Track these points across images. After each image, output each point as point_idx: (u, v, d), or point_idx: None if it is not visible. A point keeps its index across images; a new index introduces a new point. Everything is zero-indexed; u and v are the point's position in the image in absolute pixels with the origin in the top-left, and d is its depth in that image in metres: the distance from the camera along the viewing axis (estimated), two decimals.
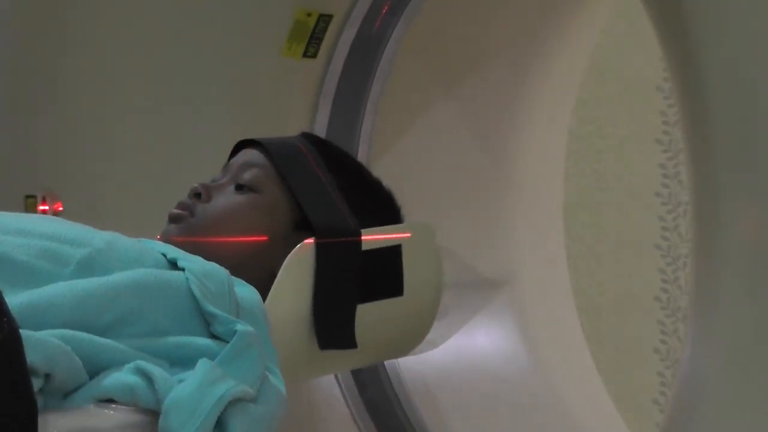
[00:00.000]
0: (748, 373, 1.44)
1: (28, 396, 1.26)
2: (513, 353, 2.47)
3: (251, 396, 1.41)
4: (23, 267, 1.47)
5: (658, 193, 3.95)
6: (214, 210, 1.78)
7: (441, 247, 1.91)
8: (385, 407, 2.31)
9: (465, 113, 2.46)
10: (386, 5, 2.27)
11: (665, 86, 3.87)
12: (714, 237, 1.50)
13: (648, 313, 3.96)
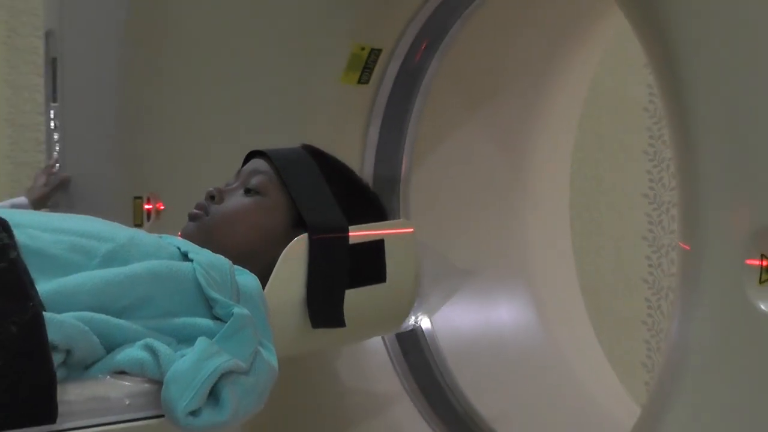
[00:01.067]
0: (723, 342, 1.44)
1: (48, 368, 1.29)
2: (528, 326, 2.48)
3: (243, 369, 1.42)
4: (56, 259, 1.49)
5: (644, 194, 3.96)
6: (225, 210, 1.80)
7: (418, 242, 1.93)
8: (425, 369, 2.31)
9: (487, 130, 2.46)
10: (425, 42, 2.28)
11: (650, 107, 3.91)
12: (694, 230, 1.49)
13: (637, 292, 3.97)
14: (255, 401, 1.45)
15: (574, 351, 2.52)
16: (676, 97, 1.50)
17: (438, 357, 2.33)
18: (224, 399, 1.39)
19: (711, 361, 1.46)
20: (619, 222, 3.98)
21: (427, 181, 2.38)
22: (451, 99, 2.37)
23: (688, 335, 1.51)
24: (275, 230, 1.79)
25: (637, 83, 3.92)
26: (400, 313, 1.89)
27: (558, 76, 2.50)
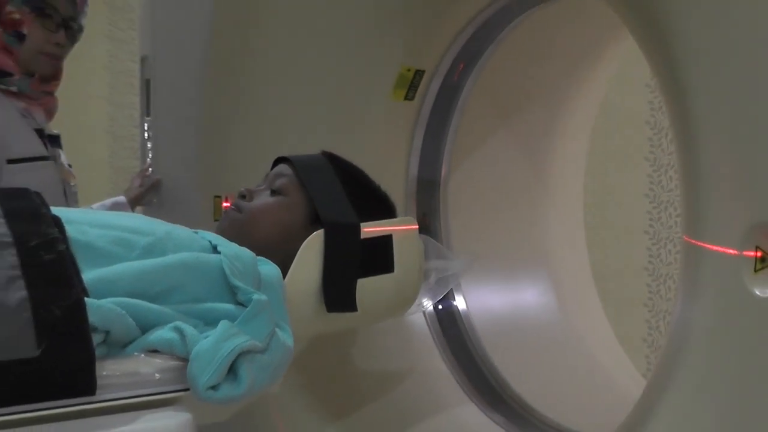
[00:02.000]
0: (722, 322, 1.40)
1: (88, 347, 1.28)
2: (548, 306, 2.45)
3: (260, 348, 1.41)
4: (101, 251, 1.47)
5: (646, 195, 3.95)
6: (254, 208, 1.79)
7: (423, 236, 1.91)
8: (461, 344, 2.29)
9: (515, 139, 2.44)
10: (462, 64, 2.25)
11: (651, 120, 3.89)
12: (697, 225, 1.46)
13: (639, 278, 3.96)
14: (269, 377, 1.45)
15: (587, 328, 2.50)
16: (680, 107, 1.46)
17: (472, 334, 2.31)
18: (241, 375, 1.38)
19: (711, 339, 1.42)
20: (624, 218, 3.97)
21: (463, 183, 2.36)
22: (483, 112, 2.34)
23: (690, 316, 1.47)
24: (295, 226, 1.76)
25: (639, 101, 3.92)
26: (406, 299, 1.86)
27: (574, 94, 2.47)
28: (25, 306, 1.26)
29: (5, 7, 2.33)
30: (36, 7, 2.35)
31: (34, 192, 1.53)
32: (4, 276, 1.28)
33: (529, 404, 2.20)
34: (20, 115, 2.40)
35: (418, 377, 2.19)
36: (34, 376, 1.24)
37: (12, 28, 2.35)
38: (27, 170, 2.33)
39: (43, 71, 2.41)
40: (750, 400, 1.34)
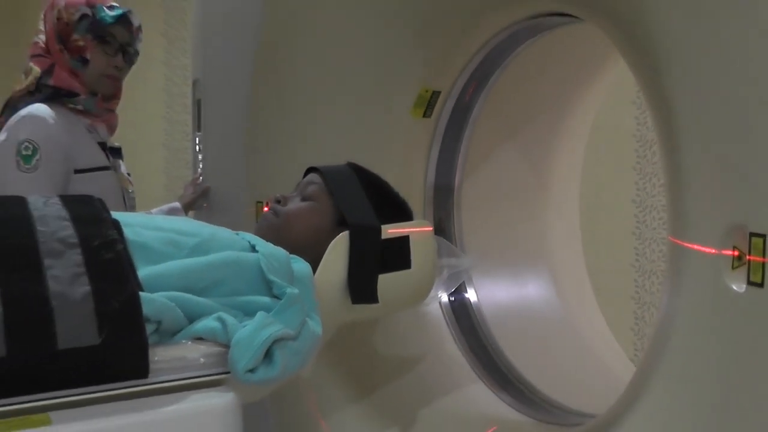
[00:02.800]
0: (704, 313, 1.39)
1: (141, 335, 1.28)
2: (548, 299, 2.43)
3: (292, 336, 1.41)
4: (154, 251, 1.48)
5: (633, 200, 3.96)
6: (288, 212, 1.78)
7: (436, 237, 1.90)
8: (472, 331, 2.27)
9: (519, 150, 2.42)
10: (473, 85, 2.23)
11: (637, 134, 3.89)
12: (681, 227, 1.44)
13: (627, 274, 3.97)
14: (300, 361, 1.44)
15: (582, 318, 2.47)
16: (666, 122, 1.46)
17: (482, 322, 2.28)
18: (276, 359, 1.38)
19: (694, 329, 1.41)
20: (614, 221, 3.98)
21: (474, 188, 2.34)
22: (491, 127, 2.32)
23: (675, 308, 1.46)
24: (324, 228, 1.75)
25: (627, 117, 3.93)
26: (422, 292, 1.85)
27: (571, 111, 2.45)
28: (88, 299, 1.26)
29: (71, 36, 2.36)
30: (97, 35, 2.39)
31: (97, 198, 1.53)
32: (71, 273, 1.28)
33: (532, 384, 2.18)
34: (86, 130, 2.42)
35: (433, 360, 2.17)
36: (96, 362, 1.24)
37: (77, 53, 2.38)
38: (91, 179, 2.36)
39: (105, 91, 2.44)
40: (728, 383, 1.33)
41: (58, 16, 2.37)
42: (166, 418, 1.28)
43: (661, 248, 3.95)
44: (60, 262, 1.29)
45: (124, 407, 1.26)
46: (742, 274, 1.30)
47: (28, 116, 2.30)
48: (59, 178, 2.29)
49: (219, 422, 1.32)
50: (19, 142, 2.25)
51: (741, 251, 1.30)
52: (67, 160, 2.31)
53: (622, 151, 3.94)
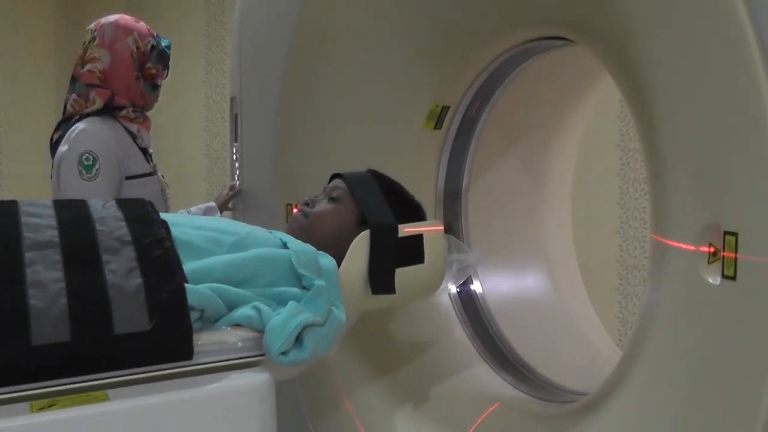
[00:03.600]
0: (683, 303, 1.39)
1: (187, 322, 1.29)
2: (545, 289, 2.42)
3: (320, 322, 1.41)
4: (198, 247, 1.48)
5: (617, 203, 3.99)
6: (316, 213, 1.78)
7: (447, 235, 1.89)
8: (477, 318, 2.26)
9: (519, 158, 2.41)
10: (478, 101, 2.22)
11: (621, 144, 3.93)
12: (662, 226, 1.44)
13: (613, 268, 4.00)
14: (327, 345, 1.44)
15: (574, 306, 2.46)
16: (649, 133, 1.46)
17: (486, 311, 2.27)
18: (305, 343, 1.39)
19: (674, 317, 1.41)
20: (601, 221, 4.01)
21: (479, 193, 2.33)
22: (494, 138, 2.31)
23: (657, 299, 1.46)
24: (347, 227, 1.75)
25: (612, 129, 3.97)
26: (434, 284, 1.84)
27: (565, 123, 2.44)
28: (140, 290, 1.27)
29: (146, 64, 2.38)
30: (161, 63, 2.40)
31: (148, 201, 1.54)
32: (126, 267, 1.29)
33: (530, 366, 2.17)
34: (132, 139, 2.43)
35: (443, 344, 2.17)
36: (147, 345, 1.25)
37: (150, 80, 2.39)
38: (139, 184, 2.38)
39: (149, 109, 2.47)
40: (704, 365, 1.33)
41: (136, 46, 2.37)
42: (209, 395, 1.28)
43: (643, 245, 3.95)
44: (116, 258, 1.30)
45: (172, 385, 1.27)
46: (717, 268, 1.30)
47: (87, 130, 2.31)
48: (115, 185, 2.30)
49: (255, 398, 1.31)
50: (80, 153, 2.26)
51: (716, 248, 1.30)
52: (120, 168, 2.33)
53: (607, 159, 3.97)
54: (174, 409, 1.25)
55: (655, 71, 1.40)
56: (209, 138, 5.38)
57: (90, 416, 1.18)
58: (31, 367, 1.19)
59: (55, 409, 1.16)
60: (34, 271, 1.24)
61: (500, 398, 2.00)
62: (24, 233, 1.31)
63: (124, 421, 1.20)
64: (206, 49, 5.32)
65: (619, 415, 1.52)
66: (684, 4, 1.32)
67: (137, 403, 1.22)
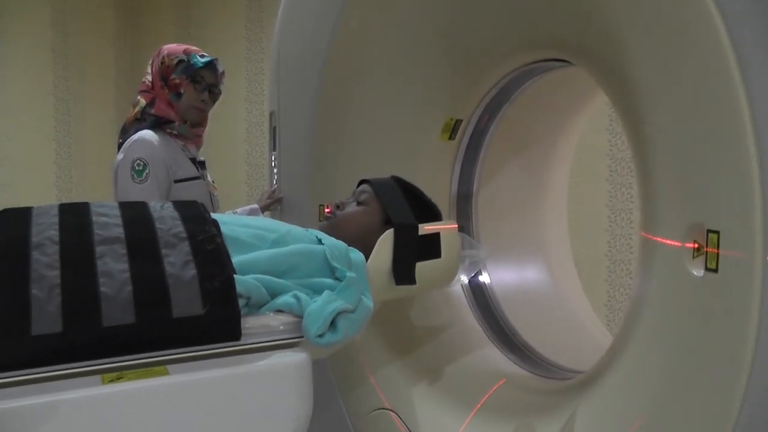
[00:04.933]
0: (670, 294, 1.38)
1: (235, 308, 1.28)
2: (545, 281, 2.41)
3: (351, 309, 1.41)
4: (244, 243, 1.48)
5: (606, 204, 3.97)
6: (345, 214, 1.78)
7: (460, 233, 1.88)
8: (486, 304, 2.25)
9: (523, 166, 2.39)
10: (487, 115, 2.21)
11: (610, 153, 3.92)
12: (651, 224, 1.43)
13: (602, 262, 3.98)
14: (357, 328, 1.43)
15: (570, 295, 2.45)
16: (639, 142, 1.45)
17: (494, 299, 2.26)
18: (339, 327, 1.38)
19: (661, 305, 1.40)
20: (593, 221, 3.99)
21: (487, 196, 2.32)
22: (501, 148, 2.30)
23: (646, 289, 1.45)
24: (373, 226, 1.74)
25: (602, 139, 3.96)
26: (449, 276, 1.83)
27: (562, 135, 2.43)
28: (195, 280, 1.27)
29: (171, 76, 2.40)
30: (190, 76, 2.42)
31: (200, 203, 1.54)
32: (182, 260, 1.29)
33: (532, 347, 2.16)
34: (180, 149, 2.46)
35: (456, 328, 2.16)
36: (200, 328, 1.26)
37: (174, 89, 2.42)
38: (187, 187, 2.40)
39: (193, 119, 2.49)
40: (688, 347, 1.32)
41: (162, 61, 2.41)
42: (254, 371, 1.28)
43: (629, 243, 3.93)
44: (174, 252, 1.31)
45: (223, 362, 1.27)
46: (700, 262, 1.29)
47: (139, 140, 2.35)
48: (163, 187, 2.33)
49: (295, 374, 1.31)
50: (133, 160, 2.31)
51: (700, 244, 1.29)
52: (168, 173, 2.36)
53: (598, 166, 3.96)
54: (224, 382, 1.25)
55: (644, 88, 1.39)
56: (249, 147, 5.39)
57: (153, 387, 1.19)
58: (102, 345, 1.20)
59: (123, 381, 1.18)
60: (104, 262, 1.26)
61: (506, 375, 1.99)
62: (95, 230, 1.32)
63: (182, 392, 1.21)
64: (247, 71, 5.33)
65: (611, 391, 1.51)
66: (667, 30, 1.32)
67: (193, 377, 1.22)
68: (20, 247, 1.25)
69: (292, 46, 2.35)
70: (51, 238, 1.28)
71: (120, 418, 1.16)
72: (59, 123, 5.44)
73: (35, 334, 1.15)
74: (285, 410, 1.30)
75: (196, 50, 2.46)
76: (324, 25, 2.17)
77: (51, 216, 1.36)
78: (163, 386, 1.20)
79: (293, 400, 1.31)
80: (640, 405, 1.41)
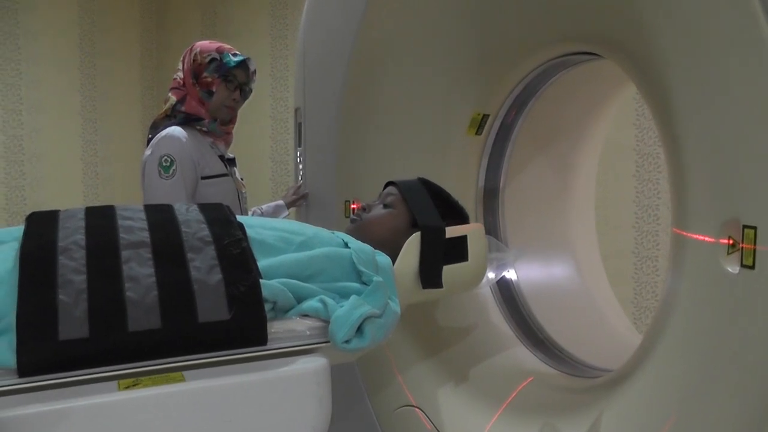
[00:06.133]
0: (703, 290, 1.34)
1: (261, 312, 1.27)
2: (571, 277, 2.37)
3: (378, 314, 1.38)
4: (271, 246, 1.46)
5: (633, 200, 3.95)
6: (371, 217, 1.75)
7: (487, 236, 1.86)
8: (512, 301, 2.22)
9: (549, 161, 2.36)
10: (515, 110, 2.18)
11: (636, 148, 3.89)
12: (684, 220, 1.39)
13: (628, 258, 3.97)
14: (384, 333, 1.41)
15: (597, 292, 2.41)
16: (671, 136, 1.40)
17: (521, 296, 2.23)
18: (366, 332, 1.36)
19: (694, 303, 1.36)
20: (619, 217, 3.98)
21: (514, 191, 2.29)
22: (528, 143, 2.26)
23: (677, 287, 1.40)
24: (400, 229, 1.72)
25: (628, 135, 3.92)
26: (475, 280, 1.80)
27: (589, 130, 2.39)
28: (221, 285, 1.26)
29: (202, 74, 2.40)
30: (222, 75, 2.42)
31: (226, 206, 1.53)
32: (208, 264, 1.29)
33: (559, 344, 2.13)
34: (209, 146, 2.45)
35: (482, 325, 2.13)
36: (226, 333, 1.25)
37: (206, 87, 2.41)
38: (214, 183, 2.41)
39: (223, 117, 2.48)
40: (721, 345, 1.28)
41: (194, 59, 2.40)
42: (271, 378, 1.27)
43: (655, 239, 3.90)
44: (200, 256, 1.31)
45: (248, 368, 1.26)
46: (735, 258, 1.25)
47: (167, 136, 2.35)
48: (190, 183, 2.33)
49: (313, 381, 1.30)
50: (160, 156, 2.31)
51: (735, 240, 1.25)
52: (195, 169, 2.35)
53: (625, 162, 3.94)
54: (240, 389, 1.24)
55: (677, 80, 1.35)
56: (274, 144, 5.40)
57: (169, 394, 1.18)
58: (127, 350, 1.20)
59: (139, 387, 1.17)
60: (129, 267, 1.26)
61: (533, 373, 1.96)
62: (121, 234, 1.32)
63: (197, 398, 1.20)
64: (272, 67, 5.35)
65: (641, 391, 1.47)
66: (702, 19, 1.28)
67: (209, 383, 1.22)
68: (48, 252, 1.26)
69: (318, 42, 2.34)
70: (77, 243, 1.28)
71: (135, 425, 1.16)
72: (86, 120, 5.48)
73: (62, 339, 1.16)
74: (302, 417, 1.29)
75: (228, 48, 2.45)
76: (349, 21, 2.16)
77: (77, 220, 1.36)
78: (180, 393, 1.19)
79: (311, 406, 1.29)
80: (671, 406, 1.38)
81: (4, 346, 1.15)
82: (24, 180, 5.11)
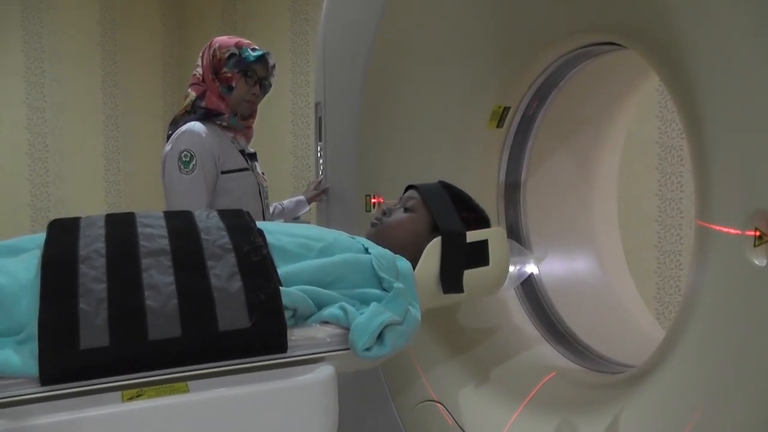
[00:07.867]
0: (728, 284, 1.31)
1: (281, 320, 1.26)
2: (594, 272, 2.34)
3: (398, 321, 1.37)
4: (290, 253, 1.45)
5: (656, 194, 3.93)
6: (392, 221, 1.74)
7: (509, 240, 1.84)
8: (536, 299, 2.21)
9: (571, 154, 2.34)
10: (536, 102, 2.16)
11: (660, 141, 3.89)
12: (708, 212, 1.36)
13: (652, 253, 3.94)
14: (405, 341, 1.40)
15: (620, 287, 2.38)
16: (695, 126, 1.37)
17: (543, 292, 2.21)
18: (386, 340, 1.35)
19: (719, 297, 1.33)
20: (642, 211, 3.95)
21: (536, 185, 2.27)
22: (549, 136, 2.24)
23: (701, 281, 1.37)
24: (421, 234, 1.70)
25: (651, 127, 3.92)
26: (497, 284, 1.78)
27: (611, 122, 2.36)
28: (241, 293, 1.26)
29: (222, 69, 2.40)
30: (242, 70, 2.42)
31: (246, 212, 1.52)
32: (228, 272, 1.28)
33: (582, 340, 2.11)
34: (230, 141, 2.45)
35: (505, 320, 2.12)
36: (247, 340, 1.24)
37: (225, 83, 2.41)
38: (234, 178, 2.41)
39: (244, 112, 2.48)
40: (747, 341, 1.25)
41: (213, 54, 2.40)
42: (276, 388, 1.25)
43: (678, 232, 3.87)
44: (220, 264, 1.30)
45: (268, 376, 1.25)
46: (763, 251, 1.22)
47: (187, 131, 2.35)
48: (210, 178, 2.33)
49: (319, 391, 1.28)
50: (180, 151, 2.31)
51: (762, 232, 1.22)
52: (216, 164, 2.35)
53: (647, 155, 3.92)
54: (244, 399, 1.22)
55: (702, 69, 1.32)
56: (295, 139, 5.41)
57: (171, 406, 1.17)
58: (148, 358, 1.19)
59: (143, 398, 1.16)
60: (149, 275, 1.25)
61: (555, 368, 1.95)
62: (141, 242, 1.32)
63: (200, 410, 1.19)
64: (292, 63, 5.35)
65: (665, 387, 1.45)
66: (729, 4, 1.26)
67: (212, 395, 1.20)
68: (68, 261, 1.25)
69: (338, 37, 2.33)
70: (98, 251, 1.28)
71: None
72: (107, 117, 5.52)
73: (83, 348, 1.15)
74: (308, 428, 1.27)
75: (247, 43, 2.45)
76: (369, 15, 2.15)
77: (98, 228, 1.37)
78: (182, 404, 1.18)
79: (316, 417, 1.28)
80: (694, 402, 1.35)
81: (26, 354, 1.15)
82: (48, 176, 5.16)
